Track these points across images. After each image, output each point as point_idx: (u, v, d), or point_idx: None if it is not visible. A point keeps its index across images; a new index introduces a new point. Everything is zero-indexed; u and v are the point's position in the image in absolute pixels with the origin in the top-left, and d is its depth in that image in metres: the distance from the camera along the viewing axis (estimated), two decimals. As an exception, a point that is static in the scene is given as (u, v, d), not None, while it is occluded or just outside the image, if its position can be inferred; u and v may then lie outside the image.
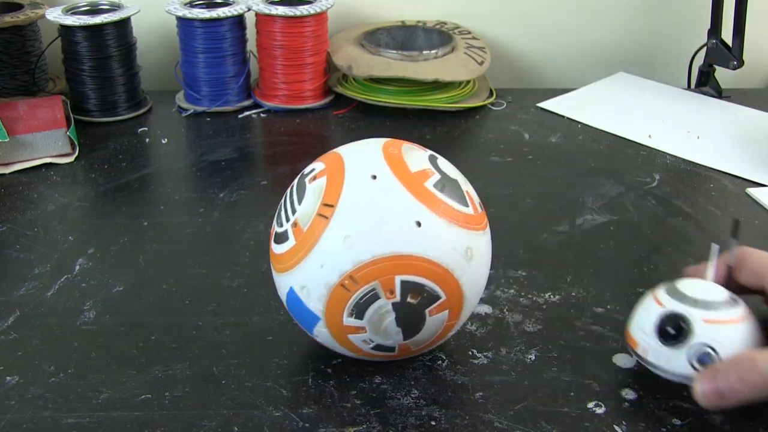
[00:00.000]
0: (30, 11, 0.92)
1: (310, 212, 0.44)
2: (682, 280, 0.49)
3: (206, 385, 0.50)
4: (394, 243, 0.43)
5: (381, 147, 0.46)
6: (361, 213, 0.43)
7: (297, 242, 0.45)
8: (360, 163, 0.45)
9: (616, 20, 1.08)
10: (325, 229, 0.43)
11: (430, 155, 0.48)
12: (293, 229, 0.45)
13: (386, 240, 0.43)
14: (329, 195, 0.44)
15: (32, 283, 0.61)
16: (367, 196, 0.44)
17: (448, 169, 0.47)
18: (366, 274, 0.43)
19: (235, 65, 0.94)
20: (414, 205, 0.43)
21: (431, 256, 0.43)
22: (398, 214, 0.43)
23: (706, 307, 0.46)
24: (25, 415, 0.48)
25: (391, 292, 0.43)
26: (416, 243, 0.43)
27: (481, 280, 0.48)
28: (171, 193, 0.76)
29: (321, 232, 0.44)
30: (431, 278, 0.44)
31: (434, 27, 1.03)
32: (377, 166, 0.44)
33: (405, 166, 0.45)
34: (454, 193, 0.45)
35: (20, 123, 0.80)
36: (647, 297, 0.50)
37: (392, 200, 0.43)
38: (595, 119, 0.92)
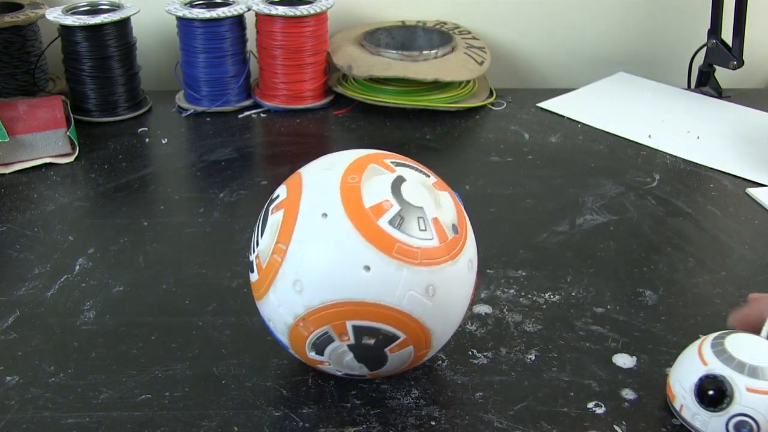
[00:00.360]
0: (30, 11, 0.92)
1: (267, 249, 0.44)
2: (731, 335, 0.46)
3: (206, 385, 0.50)
4: (343, 289, 0.41)
5: (341, 175, 0.43)
6: (310, 256, 0.41)
7: (259, 277, 0.45)
8: (315, 196, 0.43)
9: (616, 20, 1.08)
10: (279, 270, 0.42)
11: (396, 178, 0.43)
12: (256, 261, 0.45)
13: (334, 286, 0.41)
14: (283, 234, 0.43)
15: (32, 283, 0.61)
16: (316, 237, 0.41)
17: (413, 194, 0.43)
18: (316, 319, 0.42)
19: (235, 65, 0.94)
20: (363, 248, 0.40)
21: (383, 302, 0.41)
22: (346, 259, 0.41)
23: (752, 374, 0.44)
24: (25, 415, 0.48)
25: (344, 335, 0.42)
26: (366, 289, 0.41)
27: (451, 311, 0.45)
28: (171, 193, 0.76)
29: (275, 272, 0.43)
30: (386, 322, 0.42)
31: (434, 27, 1.03)
32: (330, 201, 0.42)
33: (359, 202, 0.41)
34: (413, 227, 0.41)
35: (20, 123, 0.80)
36: (692, 349, 0.47)
37: (341, 243, 0.41)
38: (595, 119, 0.92)
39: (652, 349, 0.54)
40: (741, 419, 0.43)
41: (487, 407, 0.49)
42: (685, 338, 0.55)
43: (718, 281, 0.62)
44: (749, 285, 0.61)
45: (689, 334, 0.55)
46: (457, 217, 0.44)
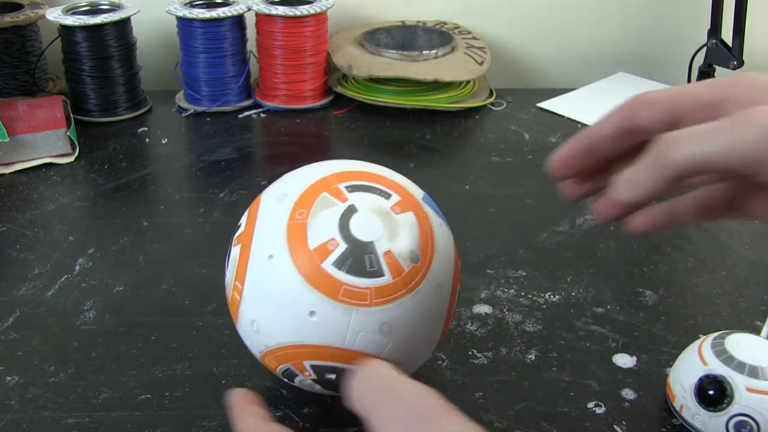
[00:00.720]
0: (30, 11, 0.92)
1: (230, 284, 0.44)
2: (731, 335, 0.46)
3: (206, 385, 0.50)
4: (294, 333, 0.40)
5: (290, 209, 0.41)
6: (260, 299, 0.41)
7: (229, 308, 0.45)
8: (264, 234, 0.41)
9: (616, 20, 1.08)
10: (239, 308, 0.43)
11: (346, 210, 0.41)
12: (227, 291, 0.45)
13: (284, 330, 0.40)
14: (239, 272, 0.42)
15: (32, 283, 0.61)
16: (264, 280, 0.41)
17: (362, 228, 0.40)
18: (276, 358, 0.42)
19: (235, 65, 0.94)
20: (308, 292, 0.39)
21: (334, 344, 0.40)
22: (291, 304, 0.40)
23: (752, 374, 0.44)
24: (25, 415, 0.48)
25: (305, 371, 0.42)
26: (314, 333, 0.40)
27: (415, 341, 0.42)
28: (171, 193, 0.76)
29: (237, 309, 0.43)
30: (342, 361, 0.40)
31: (434, 27, 1.03)
32: (276, 242, 0.40)
33: (304, 242, 0.40)
34: (360, 267, 0.39)
35: (20, 123, 0.80)
36: (692, 349, 0.47)
37: (285, 288, 0.40)
38: (595, 119, 0.92)
39: (652, 349, 0.54)
40: (741, 419, 0.43)
41: (487, 407, 0.49)
42: (685, 338, 0.55)
43: (718, 281, 0.62)
44: (749, 285, 0.61)
45: (689, 334, 0.55)
46: (420, 242, 0.41)
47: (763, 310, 0.58)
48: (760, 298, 0.60)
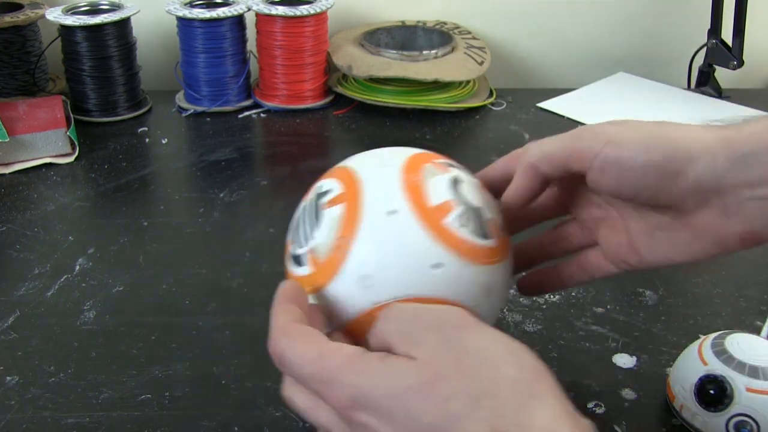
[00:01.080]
0: (30, 11, 0.92)
1: (327, 244, 0.42)
2: (731, 335, 0.46)
3: (206, 385, 0.50)
4: (412, 286, 0.40)
5: (400, 171, 0.43)
6: (378, 253, 0.41)
7: (314, 271, 0.42)
8: (378, 193, 0.42)
9: (616, 20, 1.08)
10: (342, 265, 0.41)
11: (453, 178, 0.44)
12: (309, 255, 0.43)
13: (404, 282, 0.41)
14: (346, 228, 0.41)
15: (32, 283, 0.61)
16: (384, 234, 0.41)
17: (471, 194, 0.43)
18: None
19: (235, 65, 0.94)
20: (432, 246, 0.41)
21: (449, 298, 0.41)
22: (416, 257, 0.40)
23: (752, 374, 0.43)
24: (25, 415, 0.48)
25: None
26: (434, 286, 0.41)
27: (498, 309, 0.46)
28: (171, 193, 0.76)
29: (338, 267, 0.41)
30: None
31: (434, 27, 1.03)
32: (395, 198, 0.42)
33: (424, 200, 0.42)
34: (475, 227, 0.42)
35: (20, 123, 0.80)
36: (692, 349, 0.47)
37: (410, 241, 0.41)
38: (595, 119, 0.92)
39: (652, 349, 0.54)
40: (741, 419, 0.43)
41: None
42: (685, 338, 0.55)
43: (718, 281, 0.62)
44: (749, 285, 0.61)
45: (689, 334, 0.55)
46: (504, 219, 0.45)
47: (763, 310, 0.58)
48: (760, 298, 0.60)
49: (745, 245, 0.39)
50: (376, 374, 0.32)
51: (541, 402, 0.31)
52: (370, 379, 0.32)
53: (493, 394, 0.30)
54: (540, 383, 0.32)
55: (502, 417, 0.30)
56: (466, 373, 0.31)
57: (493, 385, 0.31)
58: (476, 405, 0.30)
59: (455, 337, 0.33)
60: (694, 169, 0.38)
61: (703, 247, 0.40)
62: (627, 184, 0.39)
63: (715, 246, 0.40)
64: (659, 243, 0.42)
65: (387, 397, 0.32)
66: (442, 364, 0.32)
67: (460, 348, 0.32)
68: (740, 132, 0.38)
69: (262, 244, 0.67)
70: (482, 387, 0.31)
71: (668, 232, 0.41)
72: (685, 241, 0.41)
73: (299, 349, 0.35)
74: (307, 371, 0.34)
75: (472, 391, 0.31)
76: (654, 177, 0.38)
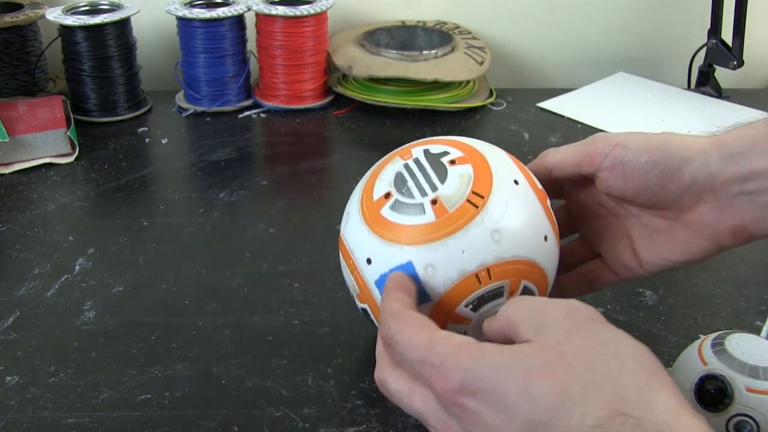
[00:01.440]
0: (30, 11, 0.92)
1: (457, 196, 0.43)
2: (731, 335, 0.46)
3: (206, 385, 0.50)
4: (530, 249, 0.44)
5: (506, 154, 0.48)
6: (509, 213, 0.43)
7: (437, 220, 0.43)
8: (499, 163, 0.46)
9: (617, 20, 1.08)
10: (475, 217, 0.43)
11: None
12: (432, 206, 0.43)
13: (526, 244, 0.44)
14: (480, 186, 0.44)
15: (32, 283, 0.61)
16: (514, 198, 0.44)
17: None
18: (503, 271, 0.43)
19: (235, 65, 0.94)
20: (544, 219, 0.45)
21: (545, 268, 0.45)
22: (535, 224, 0.44)
23: (752, 374, 0.43)
24: (25, 415, 0.48)
25: (512, 293, 0.44)
26: (541, 255, 0.44)
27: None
28: (171, 193, 0.76)
29: (470, 219, 0.43)
30: (540, 287, 0.45)
31: (434, 27, 1.03)
32: (515, 171, 0.46)
33: (533, 179, 0.47)
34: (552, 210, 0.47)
35: (20, 123, 0.80)
36: (692, 349, 0.47)
37: (531, 210, 0.45)
38: (595, 119, 0.92)
39: (652, 349, 0.53)
40: (741, 419, 0.43)
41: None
42: (685, 338, 0.55)
43: (718, 281, 0.62)
44: (749, 285, 0.61)
45: (689, 334, 0.55)
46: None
47: (763, 310, 0.58)
48: (760, 298, 0.60)
49: (737, 240, 0.43)
50: (494, 358, 0.33)
51: (662, 390, 0.32)
52: (486, 363, 0.33)
53: (615, 379, 0.31)
54: (660, 377, 0.33)
55: (624, 401, 0.31)
56: (590, 361, 0.32)
57: (616, 373, 0.32)
58: (598, 390, 0.31)
59: (585, 326, 0.34)
60: (690, 168, 0.42)
61: (699, 245, 0.44)
62: (632, 182, 0.44)
63: (710, 242, 0.44)
64: (658, 245, 0.46)
65: (502, 381, 0.32)
66: (568, 349, 0.33)
67: (587, 336, 0.34)
68: (729, 135, 0.43)
69: (262, 244, 0.67)
70: (605, 373, 0.32)
71: (667, 234, 0.45)
72: (682, 240, 0.45)
73: (411, 333, 0.36)
74: (416, 355, 0.35)
75: (595, 376, 0.31)
76: (655, 175, 0.43)
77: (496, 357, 0.33)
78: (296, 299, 0.59)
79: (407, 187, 0.45)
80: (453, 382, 0.33)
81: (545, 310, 0.36)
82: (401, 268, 0.43)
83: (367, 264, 0.45)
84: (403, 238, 0.43)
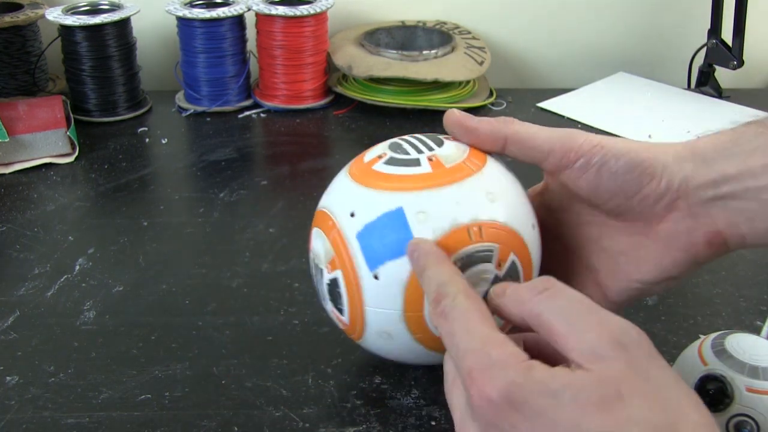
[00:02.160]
0: (30, 11, 0.92)
1: (454, 156, 0.43)
2: (731, 335, 0.46)
3: (206, 385, 0.50)
4: (522, 226, 0.43)
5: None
6: (504, 185, 0.44)
7: (433, 171, 0.42)
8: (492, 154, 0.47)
9: (616, 20, 1.08)
10: (472, 175, 0.43)
11: None
12: (429, 161, 0.43)
13: (518, 219, 0.43)
14: (475, 155, 0.44)
15: (32, 283, 0.61)
16: (507, 176, 0.45)
17: None
18: (495, 233, 0.42)
19: (235, 65, 0.94)
20: (531, 209, 0.45)
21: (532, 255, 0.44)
22: (526, 208, 0.44)
23: (752, 374, 0.43)
24: (25, 415, 0.48)
25: (500, 264, 0.42)
26: (531, 239, 0.44)
27: None
28: (171, 193, 0.76)
29: (467, 175, 0.42)
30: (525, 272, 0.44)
31: (434, 27, 1.03)
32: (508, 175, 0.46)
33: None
34: None
35: (20, 123, 0.80)
36: (692, 349, 0.47)
37: (522, 194, 0.45)
38: (595, 119, 0.92)
39: (652, 349, 0.54)
40: (741, 419, 0.43)
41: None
42: (685, 338, 0.55)
43: (718, 281, 0.62)
44: (749, 285, 0.61)
45: (689, 334, 0.55)
46: None
47: (763, 310, 0.58)
48: (760, 298, 0.60)
49: (711, 249, 0.41)
50: (546, 379, 0.31)
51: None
52: (538, 383, 0.31)
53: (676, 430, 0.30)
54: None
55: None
56: (653, 403, 0.30)
57: (678, 423, 0.30)
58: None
59: (643, 362, 0.32)
60: (665, 173, 0.41)
61: (672, 258, 0.42)
62: (605, 185, 0.42)
63: (684, 253, 0.42)
64: (626, 266, 0.44)
65: (552, 406, 0.30)
66: (627, 386, 0.31)
67: (646, 375, 0.31)
68: (699, 141, 0.42)
69: (262, 244, 0.67)
70: (668, 420, 0.30)
71: (635, 253, 0.43)
72: (653, 256, 0.43)
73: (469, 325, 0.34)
74: (467, 345, 0.33)
75: (658, 421, 0.30)
76: (632, 179, 0.41)
77: (548, 379, 0.31)
78: (296, 299, 0.59)
79: (403, 149, 0.44)
80: (498, 390, 0.31)
81: (592, 325, 0.32)
82: (389, 215, 0.41)
83: (350, 218, 0.42)
84: (396, 185, 0.42)
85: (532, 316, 0.34)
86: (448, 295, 0.36)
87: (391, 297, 0.41)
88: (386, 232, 0.41)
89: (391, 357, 0.47)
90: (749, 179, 0.39)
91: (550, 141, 0.43)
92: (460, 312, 0.35)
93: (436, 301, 0.36)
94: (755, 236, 0.40)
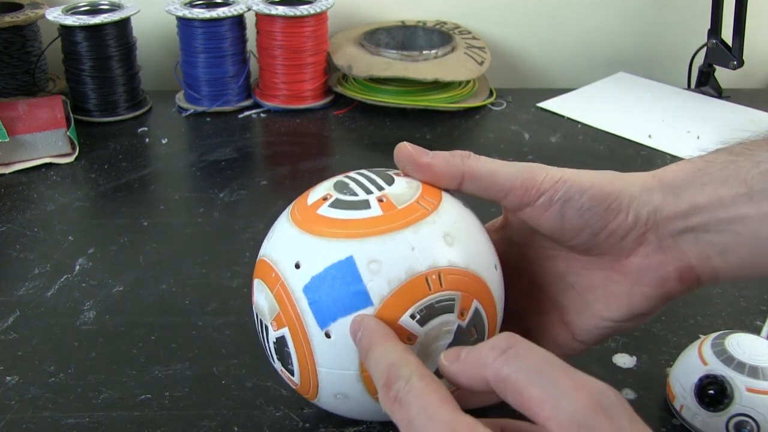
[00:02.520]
0: (30, 11, 0.92)
1: (406, 195, 0.40)
2: (731, 335, 0.46)
3: (206, 385, 0.50)
4: (484, 269, 0.40)
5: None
6: (461, 225, 0.40)
7: (384, 214, 0.38)
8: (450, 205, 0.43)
9: (616, 20, 1.08)
10: (427, 216, 0.39)
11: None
12: (379, 202, 0.39)
13: (479, 261, 0.40)
14: (429, 192, 0.41)
15: (32, 283, 0.61)
16: (464, 214, 0.41)
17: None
18: (456, 280, 0.38)
19: (235, 65, 0.94)
20: (492, 248, 0.42)
21: (496, 300, 0.41)
22: (486, 248, 0.41)
23: (752, 374, 0.43)
24: (25, 415, 0.48)
25: (463, 313, 0.39)
26: (494, 282, 0.41)
27: None
28: (171, 193, 0.76)
29: (421, 216, 0.39)
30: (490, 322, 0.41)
31: (434, 27, 1.03)
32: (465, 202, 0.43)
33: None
34: None
35: (20, 123, 0.80)
36: (692, 349, 0.47)
37: (482, 232, 0.42)
38: (595, 119, 0.92)
39: (652, 349, 0.54)
40: (741, 419, 0.43)
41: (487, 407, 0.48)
42: (685, 338, 0.55)
43: (718, 281, 0.62)
44: (749, 285, 0.61)
45: (689, 334, 0.55)
46: None
47: (763, 310, 0.58)
48: (760, 298, 0.60)
49: (683, 284, 0.39)
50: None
51: None
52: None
53: None
54: None
55: None
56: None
57: None
58: None
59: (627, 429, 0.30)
60: (633, 206, 0.39)
61: (643, 294, 0.40)
62: (569, 222, 0.40)
63: (655, 289, 0.40)
64: (594, 304, 0.42)
65: None
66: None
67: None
68: (668, 170, 0.40)
69: (262, 244, 0.66)
70: None
71: (603, 289, 0.41)
72: (622, 291, 0.41)
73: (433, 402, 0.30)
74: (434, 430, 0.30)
75: None
76: (597, 214, 0.39)
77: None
78: (296, 299, 0.59)
79: (349, 188, 0.40)
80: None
81: (568, 389, 0.30)
82: (339, 266, 0.37)
83: (294, 269, 0.38)
84: (343, 232, 0.38)
85: (498, 380, 0.31)
86: (400, 377, 0.32)
87: (345, 357, 0.38)
88: (336, 285, 0.37)
89: (350, 416, 0.43)
90: (720, 210, 0.37)
91: (509, 178, 0.40)
92: (416, 395, 0.31)
93: (387, 385, 0.32)
94: (728, 270, 0.38)
